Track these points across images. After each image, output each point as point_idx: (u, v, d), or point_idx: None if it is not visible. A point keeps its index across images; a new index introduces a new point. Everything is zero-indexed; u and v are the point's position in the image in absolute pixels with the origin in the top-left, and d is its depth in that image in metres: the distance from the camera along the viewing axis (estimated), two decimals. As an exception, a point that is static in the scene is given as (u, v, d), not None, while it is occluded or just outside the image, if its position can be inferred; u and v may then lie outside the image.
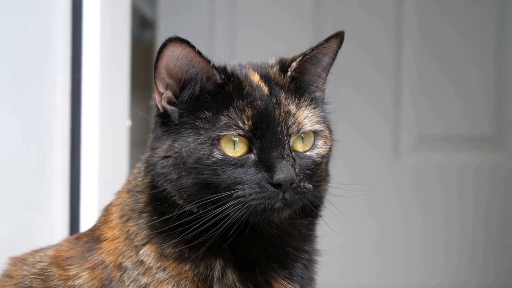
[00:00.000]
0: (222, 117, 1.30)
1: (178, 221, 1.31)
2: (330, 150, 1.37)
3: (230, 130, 1.29)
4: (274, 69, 1.38)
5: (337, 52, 1.39)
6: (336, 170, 1.43)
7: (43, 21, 1.92)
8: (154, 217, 1.33)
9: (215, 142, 1.29)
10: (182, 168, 1.30)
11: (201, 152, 1.29)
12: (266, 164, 1.28)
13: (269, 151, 1.28)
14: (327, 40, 1.37)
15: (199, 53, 1.31)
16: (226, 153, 1.28)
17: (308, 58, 1.37)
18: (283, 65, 1.38)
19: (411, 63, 3.22)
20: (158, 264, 1.32)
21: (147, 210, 1.35)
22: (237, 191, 1.27)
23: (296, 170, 1.29)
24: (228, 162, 1.28)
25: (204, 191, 1.29)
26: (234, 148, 1.29)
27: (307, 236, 1.38)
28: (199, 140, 1.29)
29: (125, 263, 1.33)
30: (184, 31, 3.10)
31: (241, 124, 1.29)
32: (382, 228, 3.24)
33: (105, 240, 1.37)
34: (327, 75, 1.42)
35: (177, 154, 1.31)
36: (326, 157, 1.36)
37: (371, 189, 2.95)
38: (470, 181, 3.24)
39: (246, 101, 1.31)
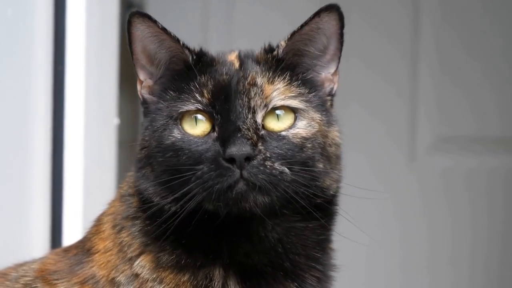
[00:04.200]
0: (184, 94, 1.32)
1: (166, 222, 1.31)
2: (317, 135, 1.34)
3: (189, 105, 1.31)
4: (261, 51, 1.39)
5: (339, 33, 1.37)
6: (348, 173, 1.42)
7: (23, 7, 1.91)
8: (147, 221, 1.34)
9: (177, 122, 1.31)
10: (153, 158, 1.32)
11: (162, 134, 1.31)
12: (222, 139, 1.28)
13: (227, 126, 1.29)
14: (317, 14, 1.35)
15: (163, 29, 1.33)
16: (187, 131, 1.30)
17: (299, 37, 1.36)
18: (271, 46, 1.39)
19: (431, 52, 3.23)
20: (154, 276, 1.32)
21: (139, 215, 1.36)
22: (197, 172, 1.27)
23: (260, 146, 1.27)
24: (188, 141, 1.29)
25: (173, 180, 1.30)
26: (196, 126, 1.31)
27: (316, 242, 1.36)
28: (161, 122, 1.32)
29: (118, 278, 1.33)
30: (176, 17, 3.11)
31: (199, 97, 1.30)
32: (404, 237, 3.27)
33: (96, 253, 1.37)
34: (331, 61, 1.40)
35: (148, 142, 1.34)
36: (311, 141, 1.32)
37: (387, 193, 2.95)
38: (500, 186, 3.28)
39: (209, 76, 1.33)
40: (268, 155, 1.28)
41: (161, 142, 1.31)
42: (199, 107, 1.30)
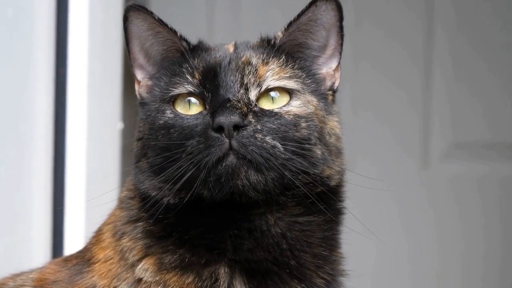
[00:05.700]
0: (176, 77, 1.34)
1: (167, 217, 1.31)
2: (313, 116, 1.33)
3: (180, 87, 1.33)
4: (257, 40, 1.40)
5: (338, 25, 1.38)
6: (360, 180, 1.40)
7: (24, 6, 1.90)
8: (150, 221, 1.33)
9: (170, 104, 1.33)
10: (147, 146, 1.33)
11: (156, 116, 1.33)
12: (212, 112, 1.29)
13: (218, 99, 1.29)
14: (314, 2, 1.36)
15: (159, 21, 1.35)
16: (180, 111, 1.31)
17: (296, 27, 1.37)
18: (268, 37, 1.40)
19: (445, 58, 3.22)
20: (157, 278, 1.30)
21: (141, 216, 1.35)
22: (187, 148, 1.28)
23: (250, 118, 1.28)
24: (181, 118, 1.31)
25: (165, 162, 1.29)
26: (189, 109, 1.32)
27: (322, 239, 1.34)
28: (154, 106, 1.34)
29: (120, 287, 1.32)
30: (181, 15, 3.13)
31: (190, 78, 1.32)
32: (416, 244, 3.26)
33: (97, 262, 1.35)
34: (332, 56, 1.40)
35: (142, 132, 1.35)
36: (305, 120, 1.32)
37: (399, 201, 2.95)
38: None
39: (202, 59, 1.35)
40: (259, 128, 1.28)
41: (154, 124, 1.32)
42: (190, 88, 1.31)
